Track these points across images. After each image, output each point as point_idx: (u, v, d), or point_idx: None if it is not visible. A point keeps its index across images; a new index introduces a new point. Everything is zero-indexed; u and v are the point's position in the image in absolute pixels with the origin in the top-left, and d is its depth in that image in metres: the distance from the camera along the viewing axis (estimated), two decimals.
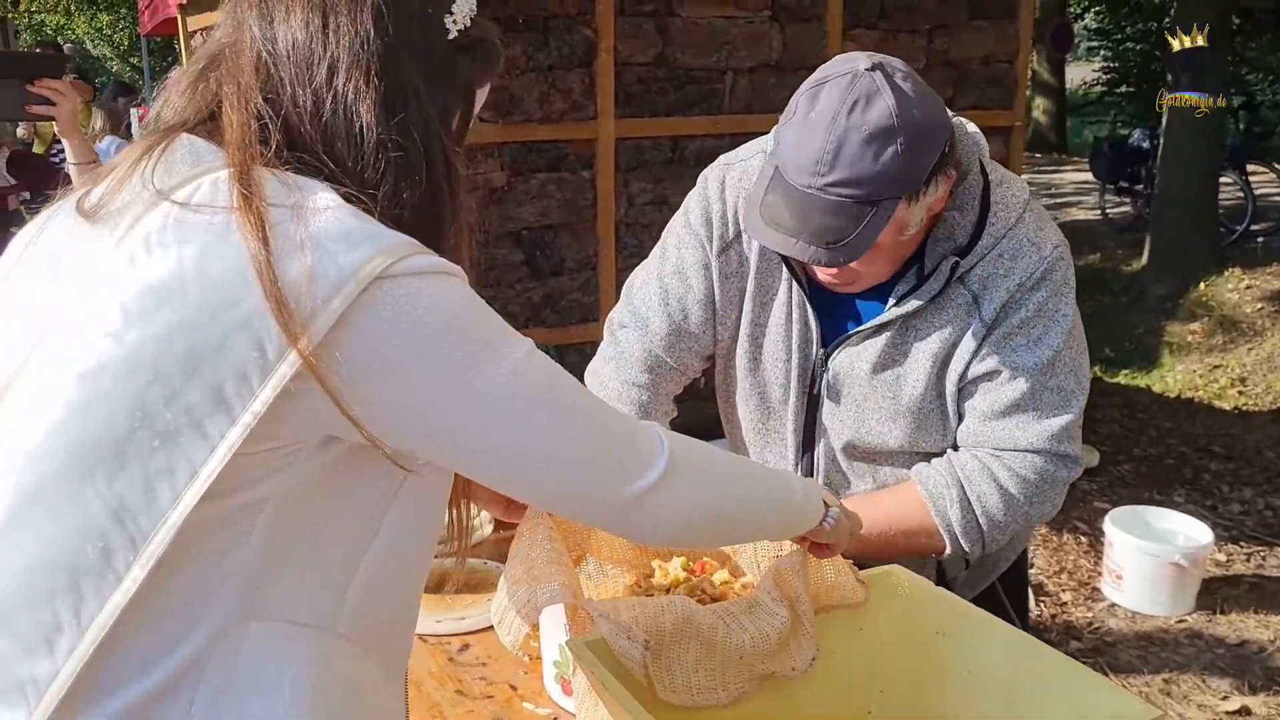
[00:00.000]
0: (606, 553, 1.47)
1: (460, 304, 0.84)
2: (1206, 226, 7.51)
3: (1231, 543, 4.05)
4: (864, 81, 1.29)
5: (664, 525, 0.98)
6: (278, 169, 0.85)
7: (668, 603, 1.18)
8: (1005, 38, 4.31)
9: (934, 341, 1.46)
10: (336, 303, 0.78)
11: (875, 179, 1.27)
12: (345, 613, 0.90)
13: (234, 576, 0.84)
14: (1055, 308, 1.43)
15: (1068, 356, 1.44)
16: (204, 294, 0.79)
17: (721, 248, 1.57)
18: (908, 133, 1.27)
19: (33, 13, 15.18)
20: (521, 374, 0.86)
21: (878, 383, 1.50)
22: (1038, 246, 1.43)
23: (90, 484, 0.80)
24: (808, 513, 1.19)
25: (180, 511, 0.79)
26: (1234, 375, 6.09)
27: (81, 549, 0.80)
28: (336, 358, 0.79)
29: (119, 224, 0.85)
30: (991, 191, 1.46)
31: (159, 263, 0.80)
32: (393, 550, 0.92)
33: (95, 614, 0.79)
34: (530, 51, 3.51)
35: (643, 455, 0.94)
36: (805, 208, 1.29)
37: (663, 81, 3.75)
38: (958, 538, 1.49)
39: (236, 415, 0.78)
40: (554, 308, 3.75)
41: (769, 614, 1.21)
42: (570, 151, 3.66)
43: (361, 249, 0.80)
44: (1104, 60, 17.29)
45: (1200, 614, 3.54)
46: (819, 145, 1.28)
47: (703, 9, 3.75)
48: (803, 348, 1.55)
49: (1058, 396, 1.44)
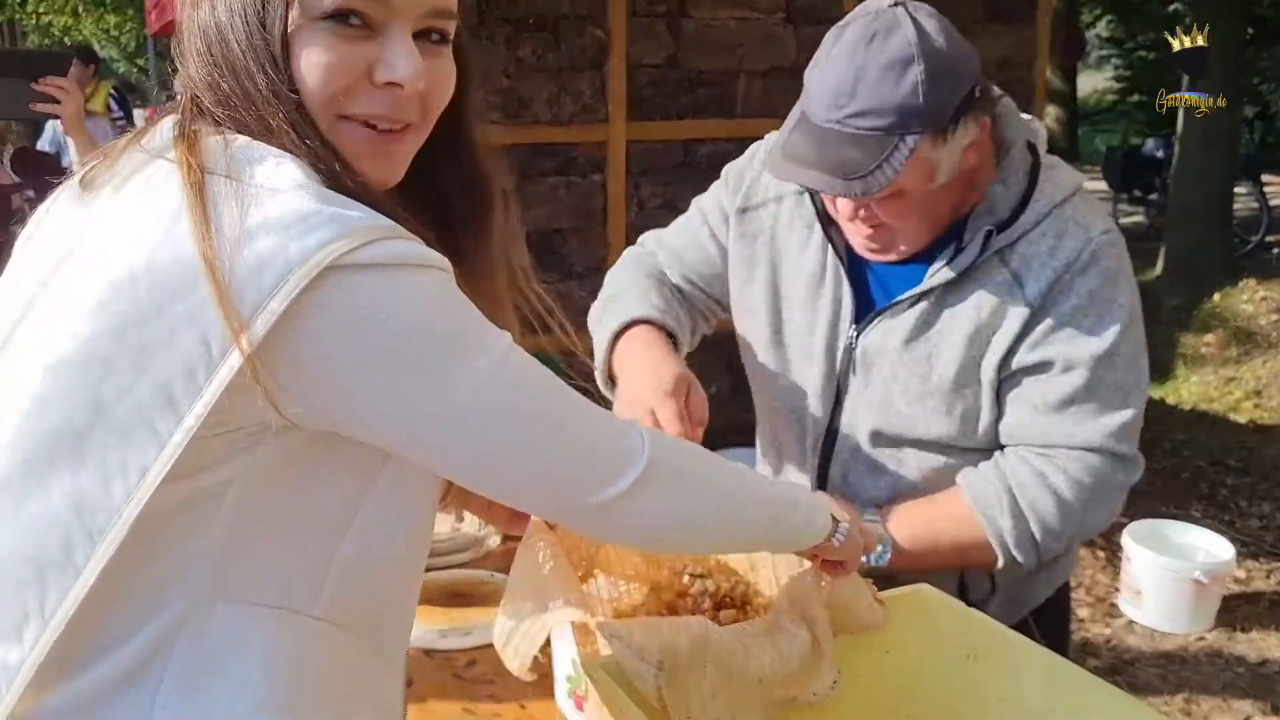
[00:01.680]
0: (617, 569, 1.42)
1: (425, 304, 0.78)
2: (1221, 237, 7.46)
3: (1251, 558, 3.99)
4: (886, 16, 1.28)
5: (634, 532, 0.96)
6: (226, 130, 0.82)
7: (683, 623, 1.12)
8: (1022, 43, 4.27)
9: (969, 319, 1.39)
10: (282, 295, 0.73)
11: (895, 109, 1.24)
12: (325, 595, 0.88)
13: (200, 559, 0.83)
14: (1111, 296, 1.35)
15: (1126, 350, 1.36)
16: (151, 288, 0.76)
17: (743, 207, 1.56)
18: (928, 63, 1.25)
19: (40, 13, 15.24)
20: (491, 378, 0.81)
21: (908, 358, 1.42)
22: (1085, 228, 1.36)
23: (55, 476, 0.79)
24: (811, 529, 1.12)
25: (132, 509, 0.77)
26: (1249, 388, 6.03)
27: (46, 540, 0.80)
28: (285, 352, 0.75)
29: (100, 198, 0.84)
30: (1040, 171, 1.40)
31: (117, 257, 0.78)
32: (377, 534, 0.89)
33: (57, 607, 0.80)
34: (540, 52, 3.48)
35: (617, 461, 0.90)
36: (825, 141, 1.27)
37: (675, 84, 3.72)
38: (1010, 550, 1.40)
39: (183, 414, 0.76)
40: (562, 312, 3.71)
41: (789, 636, 1.16)
42: (580, 154, 3.63)
43: (314, 235, 0.74)
44: (1115, 69, 17.28)
45: (1220, 631, 3.48)
46: (838, 78, 1.27)
47: (716, 10, 3.71)
48: (833, 323, 1.49)
49: (1116, 392, 1.36)
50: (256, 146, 0.81)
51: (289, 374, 0.76)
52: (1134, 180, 9.64)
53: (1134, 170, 9.65)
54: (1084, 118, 17.32)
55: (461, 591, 1.66)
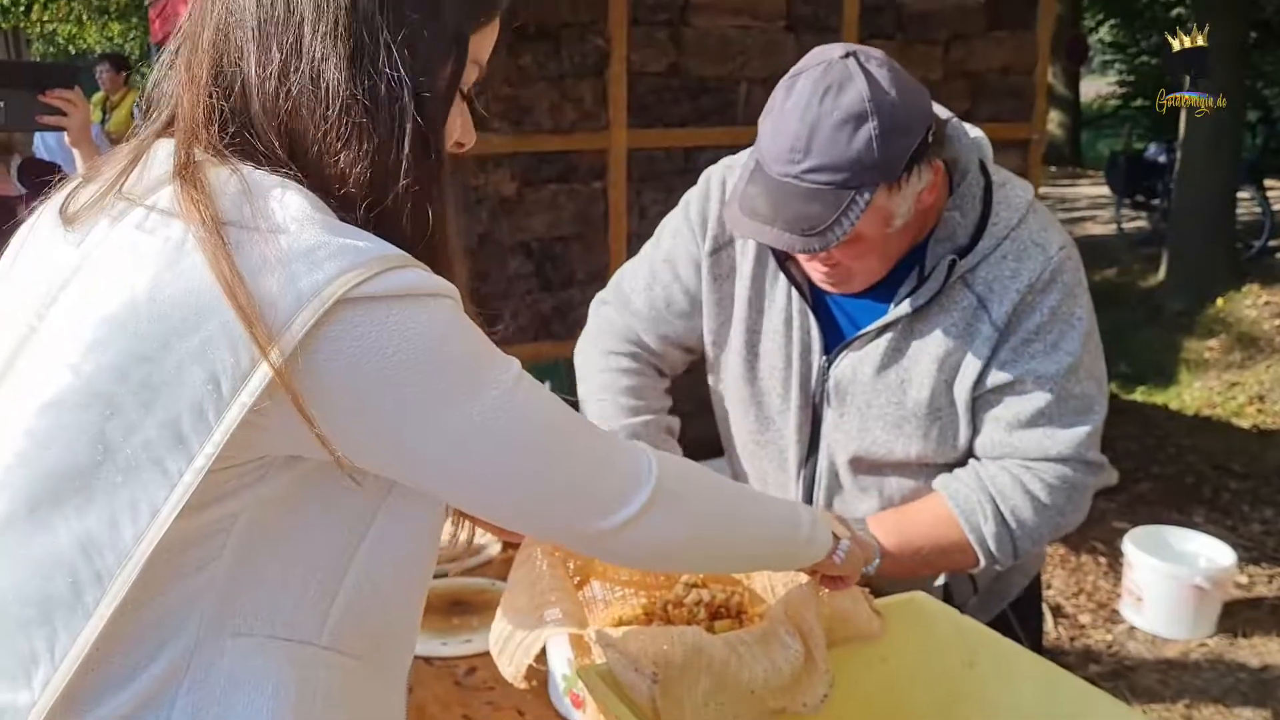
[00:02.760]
0: (613, 574, 1.42)
1: (435, 333, 0.78)
2: (1224, 242, 7.45)
3: (1253, 564, 3.98)
4: (837, 69, 1.28)
5: (643, 555, 0.96)
6: (231, 159, 0.80)
7: (678, 633, 1.13)
8: (1023, 48, 4.27)
9: (938, 344, 1.42)
10: (295, 327, 0.73)
11: (850, 164, 1.26)
12: (330, 624, 0.87)
13: (208, 591, 0.82)
14: (1070, 311, 1.40)
15: (1088, 361, 1.42)
16: (154, 322, 0.75)
17: (714, 248, 1.55)
18: (881, 117, 1.26)
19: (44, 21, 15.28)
20: (499, 409, 0.81)
21: (881, 386, 1.46)
22: (1043, 247, 1.40)
23: (60, 515, 0.78)
24: (814, 547, 1.14)
25: (144, 549, 0.76)
26: (1252, 393, 6.01)
27: (52, 580, 0.78)
28: (299, 384, 0.74)
29: (90, 238, 0.82)
30: (994, 192, 1.43)
31: (114, 290, 0.77)
32: (381, 562, 0.88)
33: (68, 648, 0.78)
34: (541, 60, 3.48)
35: (625, 486, 0.90)
36: (782, 196, 1.28)
37: (676, 91, 3.72)
38: (992, 552, 1.46)
39: (194, 453, 0.75)
40: (564, 320, 3.71)
41: (782, 646, 1.17)
42: (582, 162, 3.63)
43: (325, 267, 0.74)
44: (1118, 74, 17.27)
45: (1222, 637, 3.47)
46: (793, 133, 1.27)
47: (717, 18, 3.72)
48: (804, 355, 1.51)
49: (1081, 403, 1.42)
50: (261, 176, 0.79)
51: (308, 400, 0.75)
52: (1137, 185, 9.62)
53: (1137, 175, 9.63)
54: (1087, 123, 17.30)
55: (461, 599, 1.66)
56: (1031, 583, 1.71)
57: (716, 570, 1.29)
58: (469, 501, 0.88)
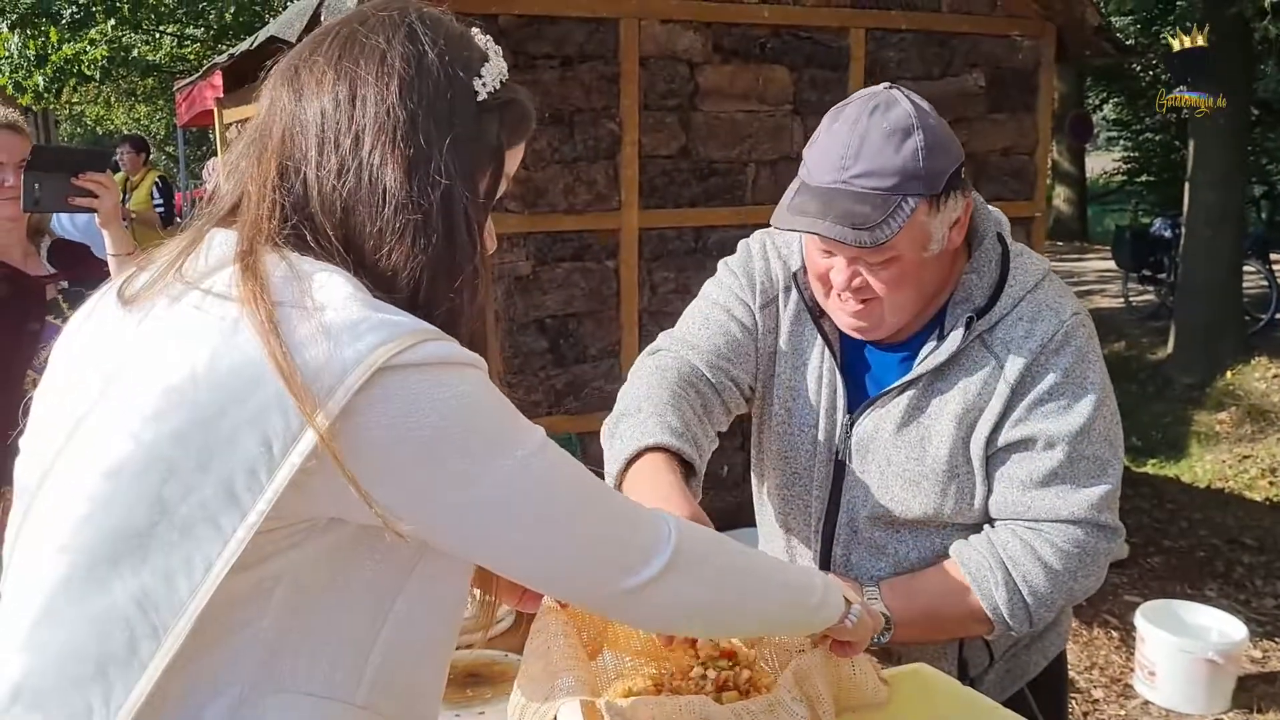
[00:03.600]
0: (624, 644, 1.46)
1: (468, 400, 0.85)
2: (1232, 315, 7.49)
3: (1267, 639, 3.95)
4: (883, 95, 1.39)
5: (661, 617, 1.00)
6: (285, 249, 0.87)
7: (685, 702, 1.16)
8: (1024, 130, 4.38)
9: (957, 402, 1.47)
10: (340, 394, 0.79)
11: (896, 171, 1.33)
12: (364, 684, 0.91)
13: (252, 649, 0.86)
14: (1083, 374, 1.44)
15: (1101, 425, 1.44)
16: (213, 391, 0.81)
17: (763, 303, 1.61)
18: (926, 133, 1.35)
19: (73, 103, 15.68)
20: (525, 473, 0.87)
21: (901, 444, 1.50)
22: (1056, 311, 1.45)
23: (117, 575, 0.83)
24: (825, 612, 1.17)
25: (197, 603, 0.81)
26: (1264, 466, 6.00)
27: (109, 637, 0.83)
28: (340, 447, 0.81)
29: (150, 316, 0.89)
30: (1011, 259, 1.49)
31: (174, 364, 0.83)
32: (412, 623, 0.93)
33: (123, 701, 0.82)
34: (556, 144, 3.59)
35: (646, 549, 0.95)
36: (832, 198, 1.35)
37: (686, 173, 3.82)
38: (1005, 619, 1.46)
39: (246, 510, 0.81)
40: (577, 395, 3.77)
41: (789, 713, 1.20)
42: (594, 241, 3.72)
43: (365, 339, 0.81)
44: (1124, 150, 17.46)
45: (1237, 713, 3.45)
46: (842, 144, 1.35)
47: (725, 103, 3.84)
48: (829, 413, 1.56)
49: (1094, 465, 1.43)
50: (307, 263, 0.87)
51: (350, 462, 0.81)
52: (1143, 260, 9.70)
53: (1143, 250, 9.72)
54: (1093, 198, 17.47)
55: (475, 671, 1.69)
56: (1052, 663, 1.68)
57: (733, 633, 1.31)
58: (495, 560, 0.92)
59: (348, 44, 0.91)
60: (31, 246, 2.53)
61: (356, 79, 0.89)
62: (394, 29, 0.92)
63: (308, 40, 0.94)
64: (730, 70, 3.83)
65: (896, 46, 4.09)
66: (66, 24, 9.72)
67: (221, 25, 11.43)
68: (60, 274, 2.54)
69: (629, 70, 3.64)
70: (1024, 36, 4.30)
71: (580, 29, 3.57)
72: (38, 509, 0.90)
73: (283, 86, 0.92)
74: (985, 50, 4.25)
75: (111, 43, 9.92)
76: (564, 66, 3.57)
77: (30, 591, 0.87)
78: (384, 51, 0.90)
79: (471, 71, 0.94)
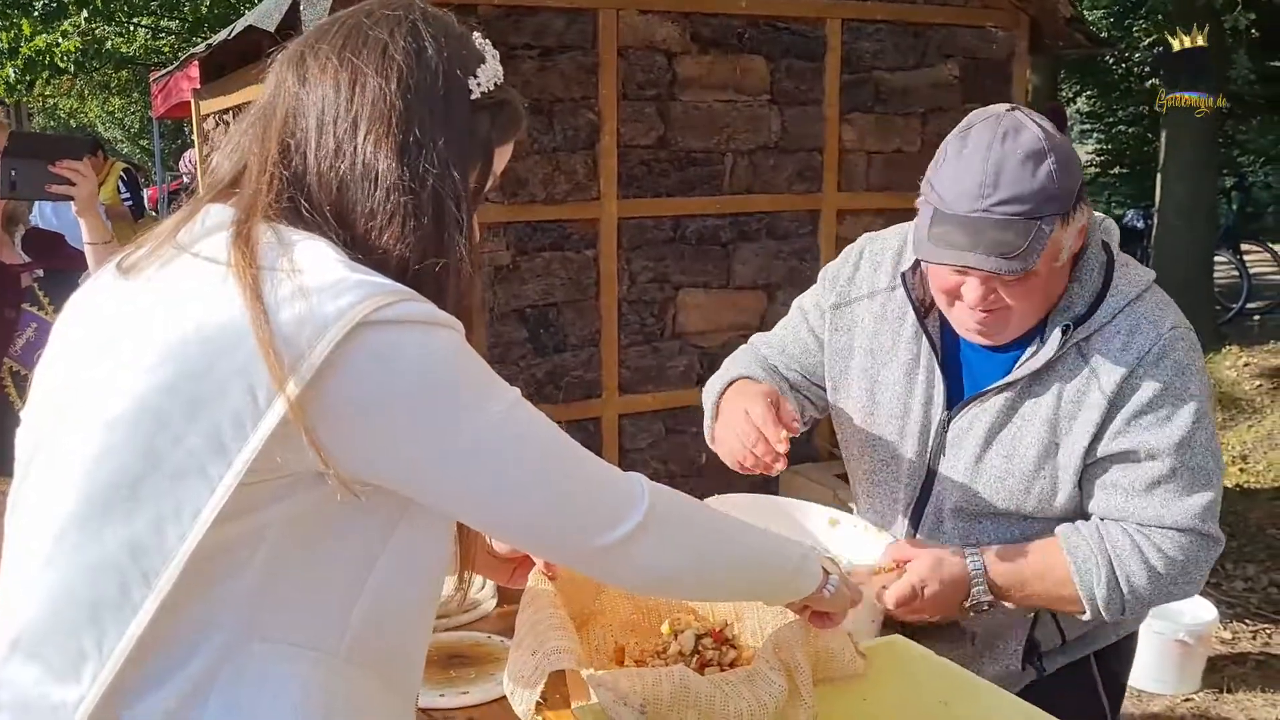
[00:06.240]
0: (610, 617, 1.48)
1: (445, 356, 0.89)
2: (1203, 305, 7.57)
3: (1237, 620, 4.03)
4: (1007, 119, 1.41)
5: (638, 574, 1.03)
6: (277, 221, 0.92)
7: (665, 672, 1.19)
8: None
9: (1050, 407, 1.51)
10: (320, 347, 0.83)
11: (1035, 195, 1.37)
12: (349, 637, 0.95)
13: (239, 597, 0.90)
14: (1184, 387, 1.46)
15: (1202, 436, 1.47)
16: (203, 345, 0.85)
17: (837, 303, 1.69)
18: (1057, 153, 1.39)
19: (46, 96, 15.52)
20: (500, 428, 0.91)
21: (994, 442, 1.55)
22: (1155, 324, 1.48)
23: (109, 524, 0.87)
24: (802, 580, 1.20)
25: (185, 549, 0.85)
26: (1235, 453, 6.09)
27: (102, 584, 0.87)
28: (321, 400, 0.84)
29: (145, 280, 0.93)
30: (1114, 269, 1.52)
31: (167, 323, 0.87)
32: (396, 579, 0.96)
33: (115, 644, 0.87)
34: (535, 134, 3.60)
35: (619, 506, 0.98)
36: (976, 227, 1.38)
37: (664, 163, 3.84)
38: (1100, 610, 1.51)
39: (232, 458, 0.84)
40: (557, 384, 3.78)
41: (766, 682, 1.22)
42: (574, 231, 3.73)
43: (347, 295, 0.85)
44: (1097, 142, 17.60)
45: (1207, 693, 3.51)
46: (979, 171, 1.38)
47: (704, 93, 3.85)
48: (925, 407, 1.61)
49: (1198, 475, 1.47)
50: (294, 232, 0.92)
51: (325, 419, 0.85)
52: None
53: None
54: None
55: (459, 653, 1.70)
56: (1124, 639, 1.73)
57: (711, 597, 1.35)
58: (470, 513, 0.96)
59: (352, 34, 0.96)
60: (6, 235, 2.53)
61: (358, 68, 0.94)
62: (397, 24, 0.96)
63: (315, 29, 1.00)
64: (708, 60, 3.84)
65: (872, 37, 4.12)
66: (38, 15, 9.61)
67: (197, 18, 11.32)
68: (36, 263, 2.54)
69: (607, 60, 3.66)
70: (998, 27, 4.33)
71: (559, 19, 3.58)
72: (36, 469, 0.93)
73: (289, 70, 0.97)
74: (960, 41, 4.28)
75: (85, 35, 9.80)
76: (543, 57, 3.58)
77: (31, 547, 0.91)
78: (386, 44, 0.95)
79: (468, 71, 0.98)
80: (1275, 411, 6.39)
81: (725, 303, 3.97)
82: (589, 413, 3.82)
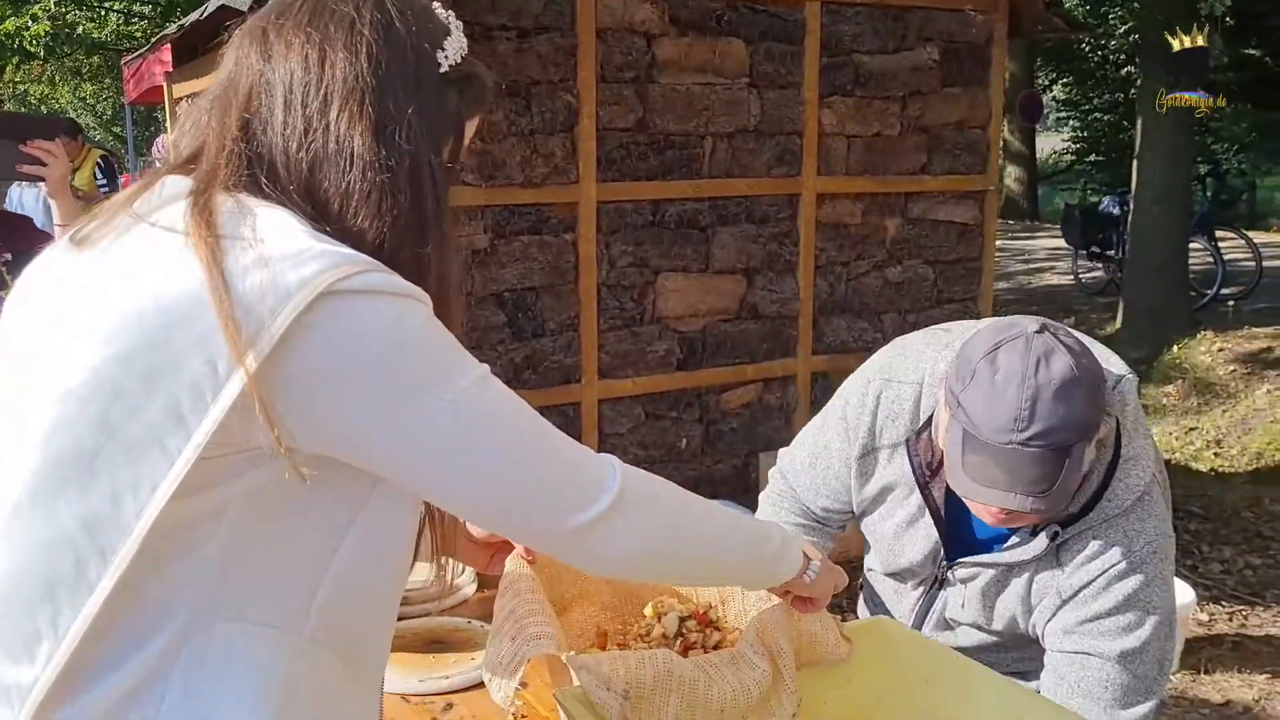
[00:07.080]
0: (593, 600, 1.47)
1: (412, 328, 0.86)
2: (1178, 291, 7.63)
3: (1213, 602, 4.06)
4: (1038, 342, 1.39)
5: (610, 557, 1.00)
6: (237, 191, 0.89)
7: (649, 655, 1.17)
8: (977, 104, 4.42)
9: (1023, 584, 1.56)
10: (281, 318, 0.81)
11: (1067, 427, 1.35)
12: (313, 617, 0.92)
13: (200, 575, 0.87)
14: (1148, 599, 1.48)
15: (1155, 647, 1.49)
16: (159, 316, 0.83)
17: (861, 454, 1.69)
18: (1086, 382, 1.37)
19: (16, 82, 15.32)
20: (466, 404, 0.88)
21: (979, 598, 1.60)
22: (1131, 540, 1.49)
23: (63, 499, 0.84)
24: (782, 564, 1.19)
25: (143, 524, 0.83)
26: (1209, 437, 6.14)
27: (57, 561, 0.84)
28: (282, 372, 0.82)
29: (99, 251, 0.90)
30: (1117, 468, 1.51)
31: (123, 293, 0.85)
32: (362, 559, 0.94)
33: (70, 623, 0.84)
34: (513, 117, 3.57)
35: (589, 487, 0.95)
36: (1012, 462, 1.36)
37: (643, 146, 3.82)
38: None
39: (192, 431, 0.82)
40: (536, 369, 3.76)
41: (750, 666, 1.21)
42: (552, 214, 3.70)
43: (310, 265, 0.82)
44: (1073, 130, 17.71)
45: (1184, 674, 3.54)
46: (1014, 403, 1.36)
47: (682, 76, 3.83)
48: (930, 555, 1.64)
49: (1142, 684, 1.49)
50: (254, 201, 0.89)
51: (286, 392, 0.83)
52: (1092, 237, 9.84)
53: (1092, 227, 9.86)
54: (1044, 177, 17.69)
55: (438, 638, 1.69)
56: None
57: (687, 581, 1.33)
58: (436, 491, 0.93)
59: (318, 9, 0.93)
60: None
61: (326, 44, 0.91)
62: None
63: (274, 3, 0.96)
64: (687, 43, 3.82)
65: (852, 20, 4.11)
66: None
67: (169, 2, 11.20)
68: (3, 246, 2.51)
69: (586, 42, 3.63)
70: (977, 11, 4.33)
71: (537, 0, 3.55)
72: None
73: (250, 46, 0.94)
74: (939, 24, 4.28)
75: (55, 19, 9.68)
76: (520, 38, 3.55)
77: None
78: (354, 19, 0.92)
79: (435, 44, 0.96)
80: (1249, 396, 6.45)
81: (704, 287, 3.96)
82: (568, 398, 3.80)
